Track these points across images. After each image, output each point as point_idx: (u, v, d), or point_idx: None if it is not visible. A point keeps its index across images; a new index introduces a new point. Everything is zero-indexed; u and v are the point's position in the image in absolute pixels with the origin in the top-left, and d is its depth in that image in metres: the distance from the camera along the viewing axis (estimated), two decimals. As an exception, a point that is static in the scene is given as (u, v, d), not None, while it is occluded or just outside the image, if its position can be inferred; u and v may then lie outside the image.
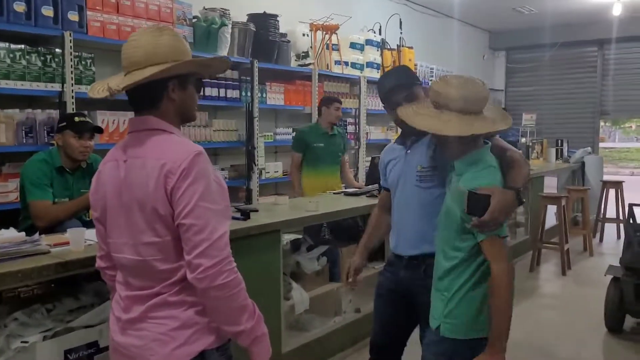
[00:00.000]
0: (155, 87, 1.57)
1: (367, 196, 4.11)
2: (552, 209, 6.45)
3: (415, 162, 2.23)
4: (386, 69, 6.66)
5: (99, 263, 1.76)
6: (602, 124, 10.95)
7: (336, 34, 5.83)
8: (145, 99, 1.59)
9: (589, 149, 8.93)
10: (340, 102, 4.93)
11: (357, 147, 6.33)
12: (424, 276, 2.15)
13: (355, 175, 6.00)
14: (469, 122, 1.81)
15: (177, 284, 1.54)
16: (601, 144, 10.50)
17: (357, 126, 6.30)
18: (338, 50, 5.96)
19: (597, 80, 9.83)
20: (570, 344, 4.00)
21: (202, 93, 4.56)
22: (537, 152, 8.46)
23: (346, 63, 6.08)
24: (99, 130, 3.26)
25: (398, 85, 2.22)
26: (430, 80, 7.56)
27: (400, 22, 6.92)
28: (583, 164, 8.48)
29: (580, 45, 9.85)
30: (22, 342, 2.04)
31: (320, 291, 3.67)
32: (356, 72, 6.24)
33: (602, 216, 7.59)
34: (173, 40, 1.60)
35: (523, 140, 8.78)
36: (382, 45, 6.65)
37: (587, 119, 9.90)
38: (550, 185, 8.36)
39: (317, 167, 4.76)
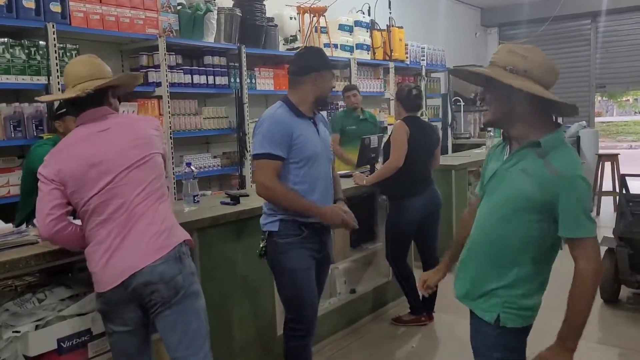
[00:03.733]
0: (100, 95, 2.15)
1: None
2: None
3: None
4: (376, 50, 6.63)
5: None
6: (599, 98, 10.89)
7: (324, 16, 5.78)
8: (93, 102, 2.14)
9: (584, 122, 8.91)
10: (355, 88, 5.28)
11: (350, 129, 6.31)
12: None
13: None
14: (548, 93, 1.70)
15: None
16: (598, 119, 10.46)
17: (349, 109, 6.26)
18: (327, 32, 5.92)
19: (591, 53, 9.78)
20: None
21: (190, 81, 4.58)
22: (532, 128, 8.42)
23: (335, 45, 6.05)
24: None
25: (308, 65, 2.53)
26: (422, 60, 7.52)
27: (390, 2, 6.87)
28: (578, 138, 8.46)
29: (573, 19, 9.78)
30: (14, 331, 2.06)
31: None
32: (346, 54, 6.21)
33: (598, 189, 7.59)
34: (100, 63, 2.22)
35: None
36: (371, 26, 6.60)
37: (582, 93, 9.85)
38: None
39: (347, 148, 4.95)
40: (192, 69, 4.60)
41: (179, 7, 4.48)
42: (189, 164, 3.12)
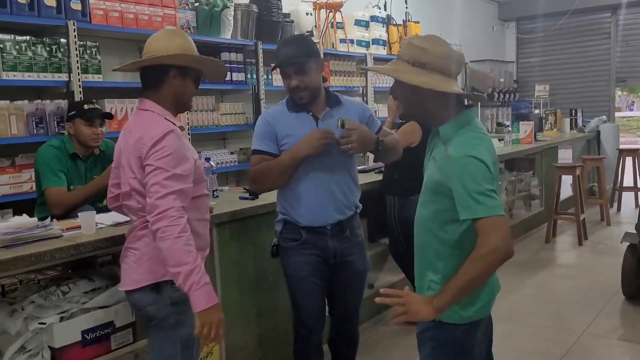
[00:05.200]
0: (159, 72, 1.98)
1: (375, 172, 4.11)
2: (567, 180, 6.39)
3: None
4: (392, 45, 6.60)
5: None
6: (619, 93, 10.73)
7: (340, 11, 5.78)
8: (148, 82, 2.02)
9: (604, 117, 8.79)
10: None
11: (366, 125, 6.30)
12: None
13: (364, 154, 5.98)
14: (451, 83, 1.71)
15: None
16: (618, 114, 10.27)
17: (365, 104, 6.26)
18: (343, 28, 5.91)
19: (611, 47, 9.62)
20: (587, 313, 3.99)
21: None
22: (550, 123, 8.34)
23: (352, 41, 6.04)
24: (109, 116, 3.29)
25: (298, 55, 2.29)
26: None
27: (406, -3, 6.84)
28: (598, 133, 8.35)
29: (593, 12, 9.63)
30: (39, 323, 2.10)
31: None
32: (362, 50, 6.20)
33: (619, 185, 7.49)
34: (183, 39, 2.03)
35: (536, 111, 8.66)
36: (387, 21, 6.58)
37: (601, 88, 9.71)
38: (566, 157, 8.27)
39: None
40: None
41: (196, 4, 4.51)
42: (208, 159, 3.15)
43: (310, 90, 2.35)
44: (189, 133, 4.37)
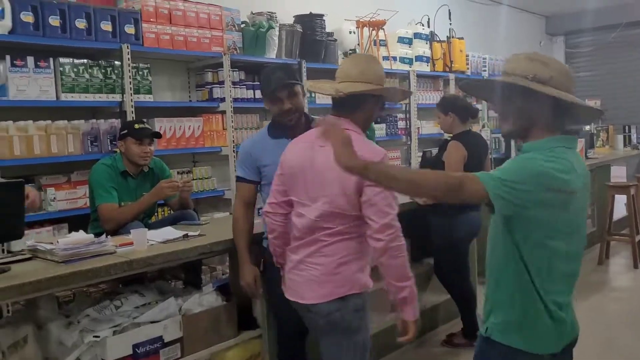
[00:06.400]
0: (359, 98, 2.07)
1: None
2: (621, 200, 6.16)
3: None
4: (436, 62, 6.58)
5: (267, 208, 2.25)
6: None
7: (383, 29, 5.81)
8: (348, 104, 2.09)
9: (660, 134, 8.46)
10: None
11: (408, 142, 6.29)
12: None
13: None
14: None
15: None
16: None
17: (407, 121, 6.26)
18: (386, 45, 5.94)
19: (666, 60, 9.29)
20: (640, 337, 3.83)
21: (253, 96, 4.71)
22: (602, 140, 8.08)
23: (395, 58, 6.06)
24: (158, 136, 3.42)
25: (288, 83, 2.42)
26: (483, 71, 7.39)
27: (450, 13, 6.81)
28: (656, 150, 8.04)
29: (645, 25, 9.33)
30: (94, 336, 2.18)
31: (375, 286, 3.66)
32: (405, 67, 6.20)
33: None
34: (379, 68, 2.16)
35: (587, 128, 8.41)
36: (431, 38, 6.57)
37: (656, 102, 9.36)
38: (619, 175, 7.97)
39: None
40: (254, 84, 4.73)
41: (242, 25, 4.64)
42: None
43: (299, 113, 2.52)
44: (234, 150, 4.47)
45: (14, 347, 2.09)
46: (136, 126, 3.26)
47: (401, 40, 6.22)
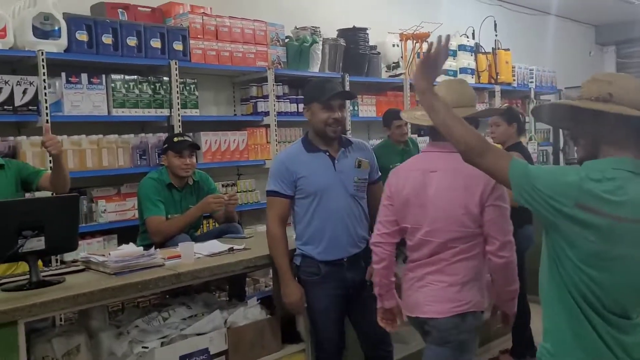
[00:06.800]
0: None
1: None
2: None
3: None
4: (481, 74, 6.49)
5: (377, 239, 2.25)
6: None
7: (427, 41, 5.77)
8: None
9: None
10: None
11: (453, 154, 6.20)
12: None
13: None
14: None
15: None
16: None
17: (452, 133, 6.17)
18: (430, 58, 5.89)
19: None
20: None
21: (296, 109, 4.74)
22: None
23: (439, 70, 6.00)
24: (196, 147, 3.48)
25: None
26: (530, 82, 7.24)
27: (495, 25, 6.72)
28: None
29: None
30: (143, 347, 2.23)
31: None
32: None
33: None
34: (471, 90, 2.22)
35: None
36: (476, 50, 6.49)
37: None
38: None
39: None
40: (297, 98, 4.77)
41: (286, 40, 4.70)
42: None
43: (343, 126, 2.60)
44: (278, 164, 4.51)
45: (68, 355, 2.15)
46: (175, 139, 3.34)
47: (445, 52, 6.15)
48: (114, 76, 3.73)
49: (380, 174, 2.74)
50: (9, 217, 2.07)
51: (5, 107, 3.28)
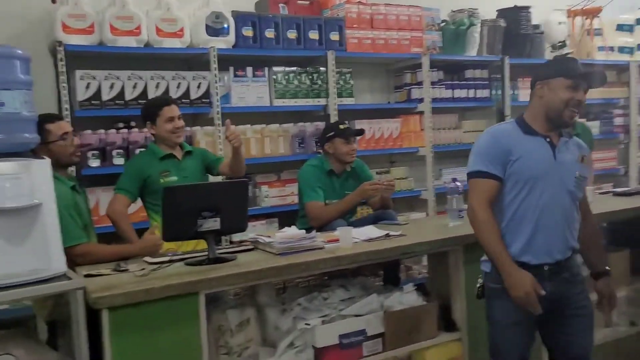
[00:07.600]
0: None
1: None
2: None
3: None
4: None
5: None
6: None
7: (598, 16, 5.25)
8: None
9: None
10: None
11: (626, 141, 5.59)
12: None
13: (626, 173, 5.37)
14: None
15: None
16: None
17: (626, 117, 5.57)
18: (601, 34, 5.35)
19: None
20: None
21: (451, 95, 4.62)
22: None
23: (611, 48, 5.43)
24: (361, 132, 3.58)
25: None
26: None
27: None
28: None
29: None
30: (305, 324, 2.36)
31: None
32: (624, 57, 5.51)
33: None
34: None
35: None
36: (657, 23, 5.74)
37: None
38: None
39: None
40: (453, 83, 4.65)
41: (442, 24, 4.58)
42: (455, 180, 3.15)
43: (580, 113, 2.18)
44: (431, 151, 4.44)
45: (240, 326, 2.35)
46: (341, 127, 3.43)
47: (620, 27, 5.56)
48: (275, 68, 3.95)
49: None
50: (192, 199, 2.31)
51: (183, 100, 3.64)
